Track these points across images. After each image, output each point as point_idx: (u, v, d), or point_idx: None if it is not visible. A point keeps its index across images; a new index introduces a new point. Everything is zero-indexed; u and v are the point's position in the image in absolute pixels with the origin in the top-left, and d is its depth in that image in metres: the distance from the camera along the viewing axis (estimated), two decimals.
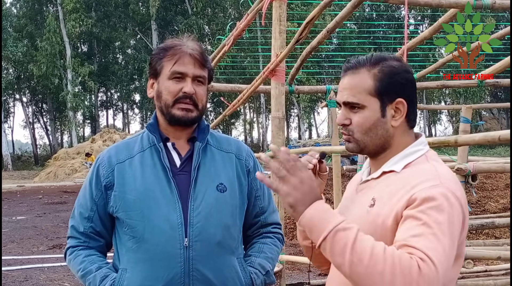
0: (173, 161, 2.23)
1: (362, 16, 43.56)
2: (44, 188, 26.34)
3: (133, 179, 2.19)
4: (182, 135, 2.26)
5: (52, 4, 49.52)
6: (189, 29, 43.55)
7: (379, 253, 1.45)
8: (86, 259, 2.23)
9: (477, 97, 41.54)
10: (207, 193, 2.18)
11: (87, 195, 2.27)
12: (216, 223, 2.18)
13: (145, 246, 2.13)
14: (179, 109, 2.18)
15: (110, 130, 41.12)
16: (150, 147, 2.24)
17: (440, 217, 1.53)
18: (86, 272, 2.21)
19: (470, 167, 3.71)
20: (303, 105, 45.55)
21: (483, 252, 4.44)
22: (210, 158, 2.27)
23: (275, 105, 5.19)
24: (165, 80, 2.19)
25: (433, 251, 1.46)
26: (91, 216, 2.25)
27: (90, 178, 2.28)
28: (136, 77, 51.37)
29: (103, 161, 2.27)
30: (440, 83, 7.52)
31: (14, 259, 9.57)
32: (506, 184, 12.07)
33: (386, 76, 1.74)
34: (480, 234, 9.17)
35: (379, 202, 1.68)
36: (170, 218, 2.13)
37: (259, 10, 5.33)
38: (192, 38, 2.28)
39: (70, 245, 2.30)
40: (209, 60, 2.28)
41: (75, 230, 2.29)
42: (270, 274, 2.34)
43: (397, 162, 1.74)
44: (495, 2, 4.16)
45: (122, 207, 2.18)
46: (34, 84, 49.58)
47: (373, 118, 1.74)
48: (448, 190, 1.58)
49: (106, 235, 2.29)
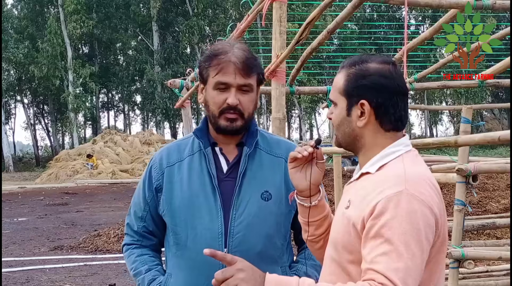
0: (220, 167, 2.22)
1: (363, 17, 43.54)
2: (45, 190, 26.34)
3: (180, 184, 2.21)
4: (230, 141, 2.25)
5: (53, 6, 49.57)
6: (190, 30, 43.63)
7: None
8: (138, 259, 2.30)
9: (478, 97, 41.52)
10: (250, 202, 2.17)
11: (141, 195, 2.32)
12: (257, 233, 2.17)
13: (188, 253, 2.17)
14: (225, 119, 2.16)
15: (111, 132, 41.09)
16: (199, 151, 2.24)
17: (401, 228, 1.54)
18: (137, 272, 2.28)
19: (470, 168, 3.70)
20: (304, 105, 45.53)
21: (484, 252, 4.44)
22: (257, 163, 2.24)
23: (276, 106, 5.20)
24: (210, 90, 2.17)
25: (394, 272, 1.50)
26: (144, 216, 2.31)
27: (144, 179, 2.32)
28: (137, 78, 51.43)
29: (155, 163, 2.29)
30: (441, 84, 7.53)
31: (16, 261, 9.58)
32: (507, 185, 12.06)
33: (354, 78, 1.77)
34: (481, 234, 9.16)
35: (352, 205, 1.71)
36: (212, 227, 2.14)
37: (260, 11, 5.33)
38: (239, 43, 2.22)
39: (125, 242, 2.38)
40: (257, 64, 2.22)
41: (130, 228, 2.36)
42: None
43: (374, 164, 1.75)
44: (495, 2, 4.15)
45: (168, 212, 2.22)
46: (35, 86, 49.57)
47: (340, 116, 1.81)
48: (412, 196, 1.58)
49: (159, 234, 2.33)
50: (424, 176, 1.68)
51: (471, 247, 4.82)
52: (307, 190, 1.91)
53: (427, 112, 51.33)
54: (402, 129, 1.81)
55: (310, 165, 1.91)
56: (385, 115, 1.76)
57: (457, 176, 3.77)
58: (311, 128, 54.86)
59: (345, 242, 1.70)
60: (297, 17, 31.69)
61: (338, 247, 1.73)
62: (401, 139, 1.79)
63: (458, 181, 3.78)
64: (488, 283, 5.49)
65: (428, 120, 55.88)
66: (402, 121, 1.79)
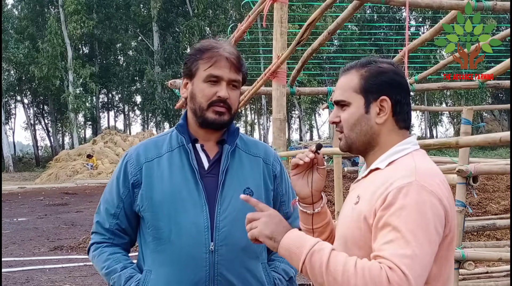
0: (201, 163, 2.21)
1: (363, 18, 43.55)
2: (45, 190, 26.34)
3: (161, 179, 2.18)
4: (211, 137, 2.25)
5: (54, 6, 49.58)
6: (190, 30, 43.61)
7: (350, 268, 1.51)
8: (111, 257, 2.22)
9: (478, 98, 41.52)
10: (234, 197, 2.17)
11: (114, 191, 2.26)
12: (242, 228, 2.12)
13: (171, 248, 2.13)
14: (213, 112, 2.16)
15: (111, 132, 41.11)
16: (178, 147, 2.23)
17: (409, 217, 1.56)
18: (111, 270, 2.20)
19: (471, 169, 3.70)
20: (304, 106, 45.53)
21: (484, 253, 4.43)
22: (238, 161, 2.25)
23: (276, 107, 5.21)
24: (200, 82, 2.17)
25: (399, 258, 1.51)
26: (117, 213, 2.25)
27: (117, 175, 2.27)
28: (137, 78, 51.40)
29: (131, 158, 2.25)
30: (441, 85, 7.54)
31: (16, 261, 9.57)
32: (507, 186, 12.06)
33: (372, 75, 1.81)
34: (481, 235, 9.16)
35: (362, 199, 1.72)
36: (197, 221, 2.13)
37: (260, 12, 5.34)
38: (228, 41, 2.26)
39: (94, 241, 2.29)
40: (244, 64, 2.27)
41: (100, 226, 2.28)
42: (293, 280, 2.33)
43: (383, 160, 1.78)
44: (496, 3, 4.16)
45: (148, 207, 2.17)
46: (36, 86, 49.56)
47: (357, 114, 1.81)
48: (422, 187, 1.61)
49: (131, 232, 2.28)
50: (434, 170, 1.71)
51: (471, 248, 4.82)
52: (309, 197, 1.92)
53: (427, 113, 51.32)
54: (410, 127, 1.86)
55: (311, 172, 1.92)
56: (401, 113, 1.81)
57: (458, 177, 3.76)
58: (311, 129, 54.84)
59: (356, 238, 1.70)
60: (297, 18, 31.67)
61: (348, 243, 1.74)
62: (410, 138, 1.83)
63: (459, 182, 3.77)
64: (488, 284, 5.49)
65: (428, 121, 55.87)
66: (410, 119, 1.86)
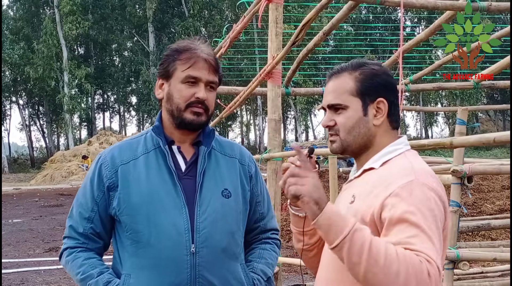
0: (178, 165, 2.18)
1: (359, 18, 43.64)
2: (40, 191, 26.30)
3: (138, 181, 2.13)
4: (187, 139, 2.22)
5: (49, 7, 49.50)
6: (185, 31, 43.57)
7: (392, 253, 1.50)
8: (86, 262, 2.16)
9: (473, 99, 41.63)
10: (212, 199, 2.15)
11: (88, 195, 2.20)
12: (221, 229, 2.15)
13: (151, 251, 2.08)
14: (191, 113, 2.14)
15: (107, 133, 41.08)
16: (154, 149, 2.19)
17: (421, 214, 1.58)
18: (86, 276, 2.13)
19: (465, 169, 3.71)
20: (300, 107, 45.58)
21: (479, 253, 4.44)
22: (214, 163, 2.23)
23: (272, 107, 5.20)
24: (177, 83, 2.15)
25: (431, 251, 1.53)
26: (92, 217, 2.18)
27: (91, 178, 2.20)
28: (133, 79, 51.35)
29: (106, 161, 2.19)
30: (436, 85, 7.55)
31: (11, 262, 9.55)
32: (502, 186, 12.09)
33: (367, 77, 1.82)
34: (476, 235, 9.19)
35: (358, 198, 1.74)
36: (177, 223, 2.09)
37: (256, 12, 5.34)
38: (204, 42, 2.22)
39: (67, 246, 2.21)
40: (220, 65, 2.25)
41: (74, 231, 2.21)
42: (271, 280, 2.33)
43: (377, 160, 1.80)
44: (491, 4, 4.16)
45: (126, 210, 2.12)
46: (31, 87, 49.50)
47: (356, 117, 1.82)
48: (424, 184, 1.64)
49: (105, 236, 2.23)
50: (429, 170, 1.75)
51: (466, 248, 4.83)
52: None
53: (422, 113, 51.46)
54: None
55: None
56: (394, 113, 1.85)
57: (452, 178, 3.77)
58: (307, 130, 54.90)
59: None
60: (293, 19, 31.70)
61: None
62: (401, 138, 1.86)
63: (453, 182, 3.78)
64: (483, 284, 5.50)
65: (424, 122, 56.00)
66: (399, 119, 1.90)
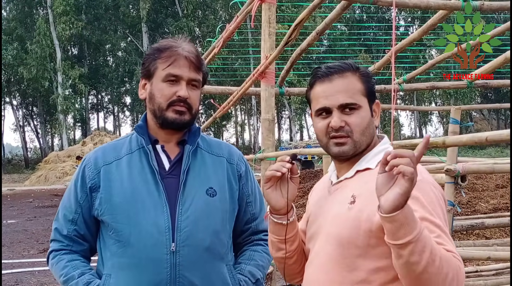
0: (162, 164, 2.16)
1: (353, 18, 43.69)
2: (34, 192, 26.22)
3: (120, 181, 2.12)
4: (172, 138, 2.20)
5: (42, 7, 49.28)
6: (179, 31, 43.47)
7: (444, 255, 1.51)
8: (69, 264, 2.16)
9: (467, 98, 41.74)
10: (196, 197, 2.13)
11: (72, 197, 2.20)
12: (204, 228, 2.12)
13: (131, 250, 2.07)
14: (173, 112, 2.11)
15: (101, 133, 40.95)
16: (138, 149, 2.18)
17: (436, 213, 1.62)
18: (68, 278, 2.14)
19: (459, 168, 3.71)
20: (294, 107, 45.60)
21: (473, 252, 4.46)
22: (200, 161, 2.21)
23: (265, 107, 5.21)
24: (158, 82, 2.13)
25: (456, 250, 1.57)
26: (75, 219, 2.18)
27: (75, 180, 2.21)
28: (127, 79, 51.23)
29: (89, 162, 2.19)
30: (430, 85, 7.57)
31: (5, 263, 9.50)
32: (496, 185, 12.12)
33: (368, 79, 1.84)
34: (470, 234, 9.20)
35: (360, 198, 1.72)
36: (158, 222, 2.07)
37: (249, 12, 5.33)
38: (187, 40, 2.21)
39: (53, 249, 2.23)
40: (204, 63, 2.23)
41: (59, 233, 2.22)
42: (260, 282, 2.29)
43: (370, 160, 1.80)
44: (483, 3, 4.17)
45: (107, 210, 2.11)
46: (24, 87, 49.31)
47: (368, 117, 1.81)
48: (431, 184, 1.68)
49: (90, 238, 2.22)
50: (424, 169, 1.77)
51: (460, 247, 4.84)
52: (284, 208, 1.85)
53: (416, 113, 51.59)
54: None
55: (284, 182, 1.84)
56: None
57: (446, 177, 3.78)
58: (301, 129, 54.93)
59: (353, 237, 1.69)
60: (286, 18, 31.72)
61: (344, 242, 1.72)
62: (385, 137, 1.88)
63: (447, 181, 3.79)
64: (478, 283, 5.51)
65: (418, 121, 56.12)
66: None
